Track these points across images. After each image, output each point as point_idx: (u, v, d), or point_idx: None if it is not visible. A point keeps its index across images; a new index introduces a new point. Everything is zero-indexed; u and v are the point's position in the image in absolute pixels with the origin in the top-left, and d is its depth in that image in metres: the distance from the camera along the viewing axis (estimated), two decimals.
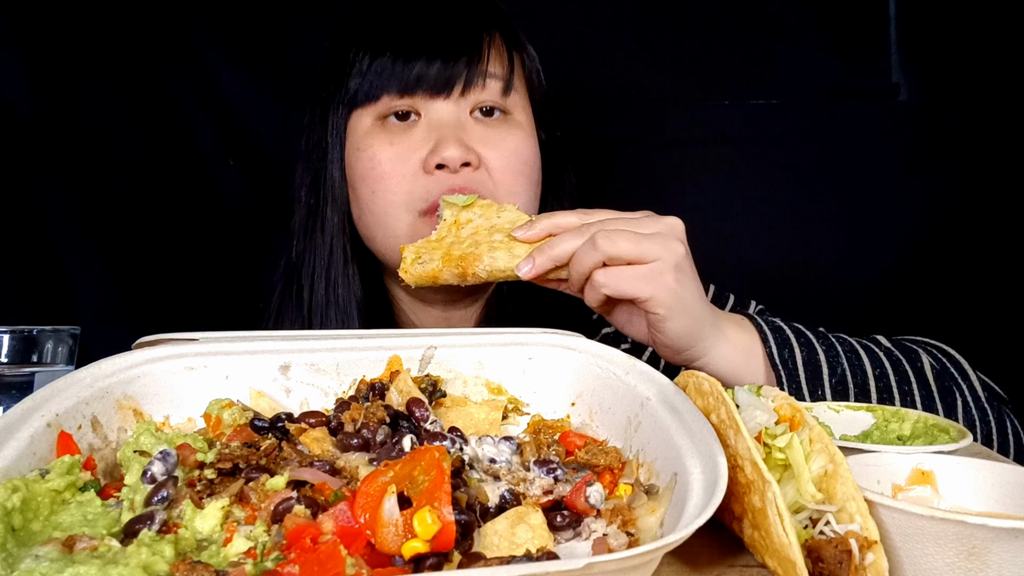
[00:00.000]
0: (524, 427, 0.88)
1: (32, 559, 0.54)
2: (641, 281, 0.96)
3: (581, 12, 1.83)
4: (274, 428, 0.78)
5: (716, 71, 1.85)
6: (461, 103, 1.23)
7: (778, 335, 1.06)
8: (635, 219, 1.00)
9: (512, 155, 1.24)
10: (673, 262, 0.97)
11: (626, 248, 0.96)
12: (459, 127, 1.22)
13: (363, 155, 1.24)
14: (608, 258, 0.96)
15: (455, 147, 1.18)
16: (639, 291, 0.96)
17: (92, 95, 1.75)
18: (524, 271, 1.02)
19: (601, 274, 0.97)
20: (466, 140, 1.20)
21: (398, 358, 0.90)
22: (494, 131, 1.24)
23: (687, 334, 1.00)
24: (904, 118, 1.89)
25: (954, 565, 0.54)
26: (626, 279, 0.97)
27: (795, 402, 0.66)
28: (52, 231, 1.75)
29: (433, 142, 1.20)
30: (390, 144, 1.22)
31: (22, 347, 1.02)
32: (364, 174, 1.24)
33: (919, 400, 1.05)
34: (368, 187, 1.23)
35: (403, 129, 1.23)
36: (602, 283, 0.97)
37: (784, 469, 0.62)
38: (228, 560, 0.57)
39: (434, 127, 1.21)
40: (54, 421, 0.69)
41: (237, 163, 1.82)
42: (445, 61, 1.20)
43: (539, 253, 1.01)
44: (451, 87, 1.20)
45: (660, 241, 0.97)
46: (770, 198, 1.86)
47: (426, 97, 1.21)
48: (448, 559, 0.55)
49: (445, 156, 1.17)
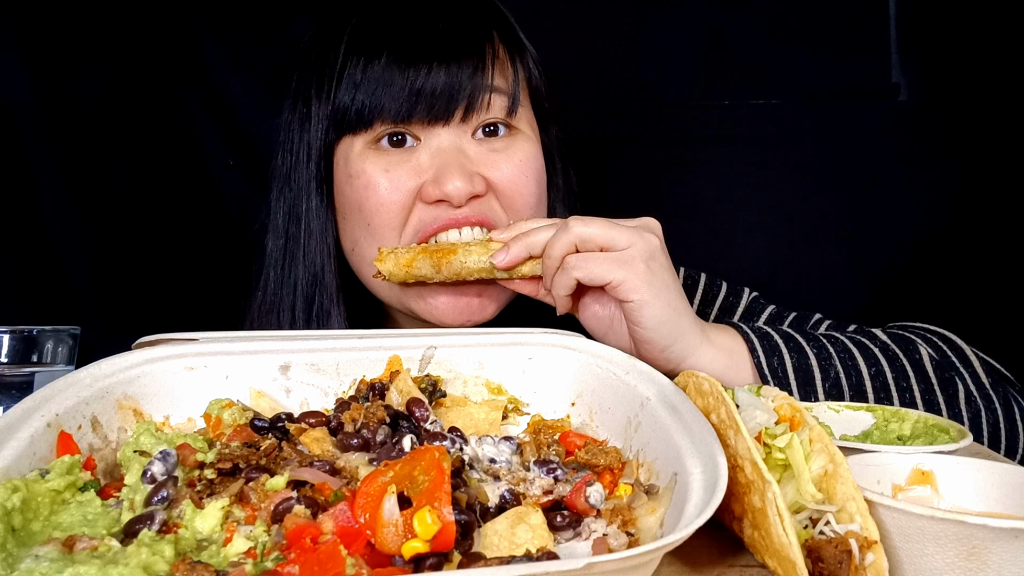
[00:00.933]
0: (524, 427, 0.88)
1: (32, 559, 0.54)
2: (613, 264, 0.97)
3: (581, 12, 1.83)
4: (274, 428, 0.78)
5: (716, 71, 1.85)
6: (463, 125, 1.14)
7: (765, 342, 1.04)
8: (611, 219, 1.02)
9: (518, 169, 1.16)
10: (646, 250, 0.97)
11: (598, 231, 0.97)
12: (461, 153, 1.13)
13: (357, 183, 1.13)
14: (580, 241, 0.98)
15: (459, 178, 1.09)
16: (611, 274, 0.96)
17: (92, 95, 1.75)
18: (500, 259, 1.04)
19: (573, 257, 0.98)
20: (470, 167, 1.12)
21: (398, 358, 0.90)
22: (499, 147, 1.16)
23: (666, 323, 0.98)
24: (904, 118, 1.89)
25: (954, 565, 0.54)
26: (598, 261, 0.97)
27: (795, 402, 0.66)
28: (52, 231, 1.75)
29: (434, 170, 1.11)
30: (386, 171, 1.12)
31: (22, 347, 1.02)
32: (360, 204, 1.13)
33: (919, 395, 1.03)
34: (364, 220, 1.14)
35: (399, 154, 1.13)
36: (573, 265, 0.98)
37: (784, 469, 0.62)
38: (228, 560, 0.57)
39: (435, 154, 1.12)
40: (54, 421, 0.69)
41: (237, 163, 1.82)
42: (446, 79, 1.09)
43: (514, 242, 1.03)
44: (451, 113, 1.11)
45: (633, 231, 0.98)
46: (770, 198, 1.86)
47: (424, 125, 1.12)
48: (448, 559, 0.55)
49: (448, 191, 1.09)
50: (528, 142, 1.20)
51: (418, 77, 1.09)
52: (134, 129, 1.78)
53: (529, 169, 1.18)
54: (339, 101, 1.13)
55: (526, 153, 1.18)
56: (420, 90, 1.09)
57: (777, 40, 1.83)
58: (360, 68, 1.11)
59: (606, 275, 0.97)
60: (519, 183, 1.16)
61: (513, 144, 1.18)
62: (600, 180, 1.83)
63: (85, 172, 1.76)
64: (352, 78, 1.11)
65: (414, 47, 1.10)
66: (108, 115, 1.76)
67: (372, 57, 1.11)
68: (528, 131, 1.22)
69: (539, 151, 1.22)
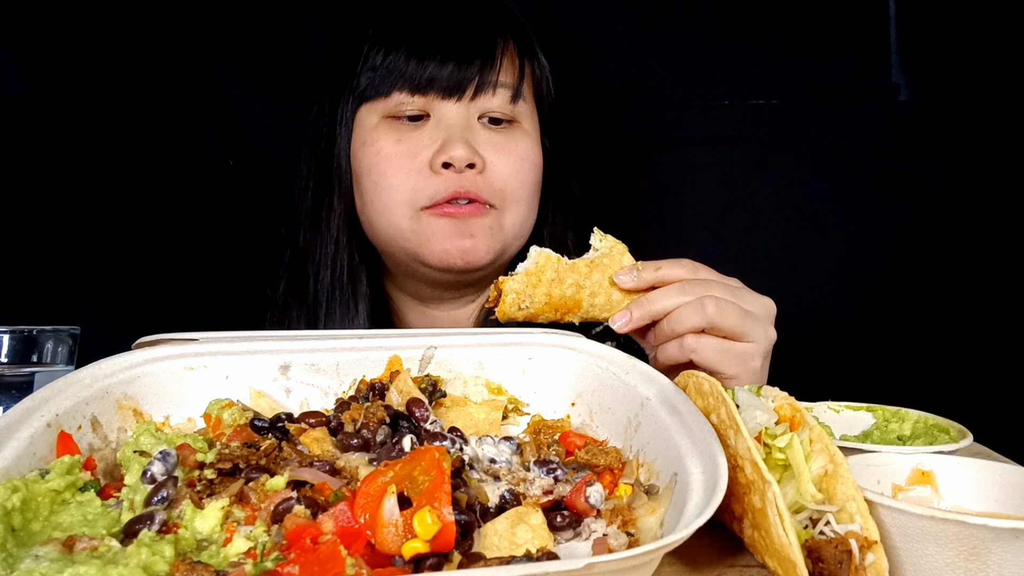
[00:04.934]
0: (524, 427, 0.88)
1: (32, 559, 0.54)
2: (731, 358, 0.94)
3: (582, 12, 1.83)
4: (274, 428, 0.78)
5: (716, 71, 1.85)
6: (471, 107, 1.23)
7: None
8: (736, 289, 0.97)
9: (517, 161, 1.25)
10: (766, 348, 0.96)
11: (732, 324, 0.92)
12: (467, 128, 1.22)
13: (369, 149, 1.24)
14: (710, 326, 0.93)
15: (462, 147, 1.18)
16: (726, 368, 0.94)
17: (93, 95, 1.75)
18: (619, 325, 0.97)
19: (694, 339, 0.93)
20: (473, 143, 1.21)
21: (398, 358, 0.90)
22: (501, 137, 1.25)
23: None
24: (904, 118, 1.89)
25: (954, 565, 0.54)
26: (716, 351, 0.93)
27: (795, 402, 0.66)
28: (52, 231, 1.75)
29: (440, 142, 1.20)
30: (397, 141, 1.22)
31: (22, 347, 1.02)
32: (369, 168, 1.24)
33: None
34: (372, 180, 1.24)
35: (411, 128, 1.23)
36: (692, 347, 0.93)
37: (784, 469, 0.62)
38: (228, 560, 0.57)
39: (442, 127, 1.22)
40: (54, 421, 0.69)
41: (237, 163, 1.82)
42: (458, 63, 1.20)
43: (637, 307, 0.96)
44: (463, 90, 1.21)
45: (761, 324, 0.95)
46: (770, 198, 1.86)
47: (436, 98, 1.22)
48: (448, 559, 0.55)
49: (452, 155, 1.18)
50: (527, 137, 1.28)
51: (433, 64, 1.20)
52: (134, 129, 1.78)
53: (526, 163, 1.26)
54: (362, 79, 1.24)
55: (525, 147, 1.27)
56: (435, 74, 1.20)
57: (777, 40, 1.83)
58: (379, 59, 1.23)
59: (722, 368, 0.94)
60: (514, 174, 1.24)
61: (513, 137, 1.26)
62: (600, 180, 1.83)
63: (85, 172, 1.76)
64: (373, 61, 1.23)
65: (431, 43, 1.22)
66: (108, 115, 1.76)
67: (390, 51, 1.22)
68: (529, 127, 1.29)
69: (538, 147, 1.30)
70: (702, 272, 0.98)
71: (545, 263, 0.97)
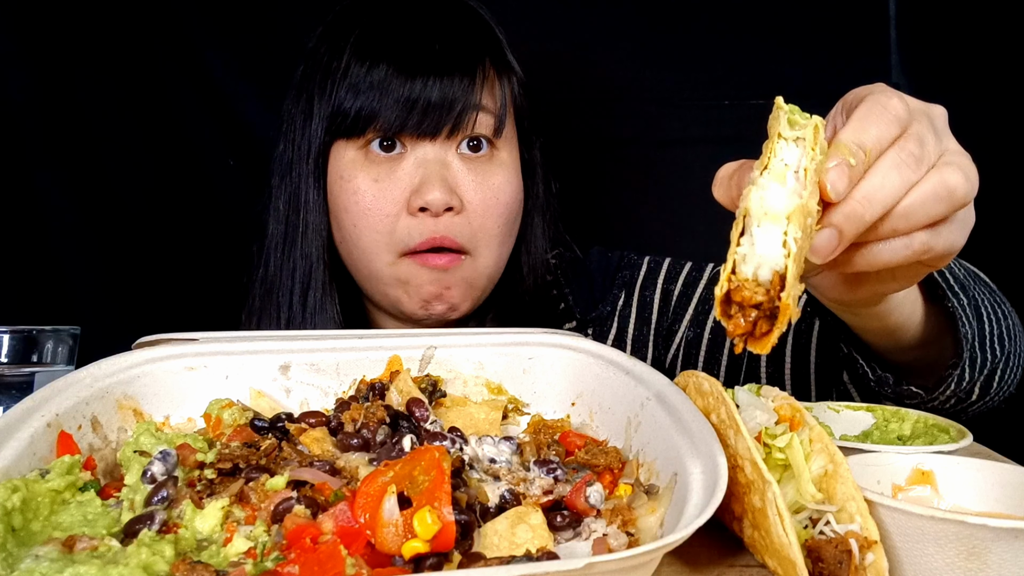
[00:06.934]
0: (524, 427, 0.88)
1: (32, 559, 0.54)
2: (963, 230, 0.70)
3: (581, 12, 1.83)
4: (274, 428, 0.78)
5: (716, 71, 1.85)
6: (448, 141, 1.21)
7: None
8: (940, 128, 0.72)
9: (493, 196, 1.23)
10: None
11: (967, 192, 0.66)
12: (444, 167, 1.20)
13: (347, 186, 1.22)
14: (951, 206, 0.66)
15: (439, 189, 1.17)
16: (960, 244, 0.70)
17: (92, 95, 1.75)
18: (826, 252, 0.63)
19: (930, 235, 0.67)
20: (451, 180, 1.20)
21: (398, 358, 0.90)
22: (479, 168, 1.23)
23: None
24: None
25: (954, 565, 0.54)
26: (959, 234, 0.69)
27: (795, 402, 0.66)
28: (52, 231, 1.75)
29: (418, 180, 1.19)
30: (375, 180, 1.20)
31: (22, 347, 1.02)
32: (347, 207, 1.22)
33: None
34: (351, 220, 1.22)
35: (388, 162, 1.21)
36: (928, 246, 0.67)
37: (784, 469, 0.62)
38: (228, 560, 0.57)
39: (420, 164, 1.20)
40: (54, 421, 0.69)
41: (237, 163, 1.82)
42: (439, 94, 1.17)
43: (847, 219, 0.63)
44: (439, 130, 1.19)
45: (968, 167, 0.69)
46: None
47: (413, 138, 1.20)
48: (448, 559, 0.55)
49: (428, 200, 1.17)
50: (504, 168, 1.26)
51: (414, 88, 1.16)
52: (134, 129, 1.78)
53: (502, 195, 1.25)
54: (338, 102, 1.20)
55: (501, 180, 1.25)
56: (415, 101, 1.16)
57: (777, 40, 1.83)
58: (362, 73, 1.18)
59: (957, 248, 0.70)
60: (490, 208, 1.23)
61: (491, 168, 1.25)
62: (600, 180, 1.83)
63: (85, 172, 1.75)
64: (353, 82, 1.19)
65: (413, 59, 1.18)
66: (108, 115, 1.75)
67: (374, 64, 1.18)
68: (508, 154, 1.28)
69: (517, 179, 1.29)
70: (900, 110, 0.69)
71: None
